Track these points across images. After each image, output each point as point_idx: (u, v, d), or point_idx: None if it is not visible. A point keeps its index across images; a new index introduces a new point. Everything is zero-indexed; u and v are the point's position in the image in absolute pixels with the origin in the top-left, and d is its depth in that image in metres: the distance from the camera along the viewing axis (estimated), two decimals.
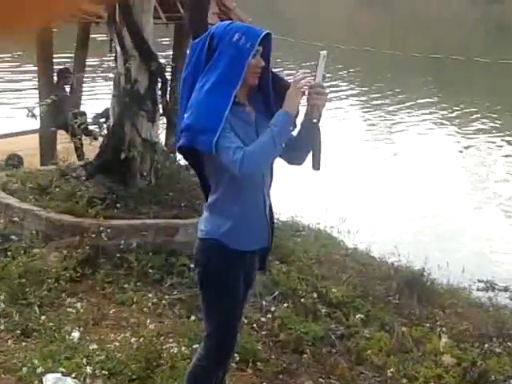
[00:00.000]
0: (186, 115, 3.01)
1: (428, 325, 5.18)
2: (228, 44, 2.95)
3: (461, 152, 14.81)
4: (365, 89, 20.72)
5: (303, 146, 3.07)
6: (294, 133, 3.09)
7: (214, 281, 3.12)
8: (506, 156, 14.51)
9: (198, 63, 3.04)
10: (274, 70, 3.22)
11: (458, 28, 33.51)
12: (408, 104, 18.81)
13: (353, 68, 22.20)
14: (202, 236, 3.12)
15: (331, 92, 18.33)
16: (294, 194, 9.41)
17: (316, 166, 3.02)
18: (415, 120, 17.24)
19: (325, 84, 3.01)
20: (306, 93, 2.97)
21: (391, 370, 4.23)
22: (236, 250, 3.07)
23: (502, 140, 15.70)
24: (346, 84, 20.62)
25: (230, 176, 2.99)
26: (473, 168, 13.71)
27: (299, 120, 3.07)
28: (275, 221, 7.30)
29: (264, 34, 2.99)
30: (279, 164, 3.20)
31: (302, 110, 3.04)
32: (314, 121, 2.98)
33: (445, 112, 18.05)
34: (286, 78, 3.39)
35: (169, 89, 6.49)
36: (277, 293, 5.14)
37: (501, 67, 16.21)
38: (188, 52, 3.21)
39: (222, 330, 3.16)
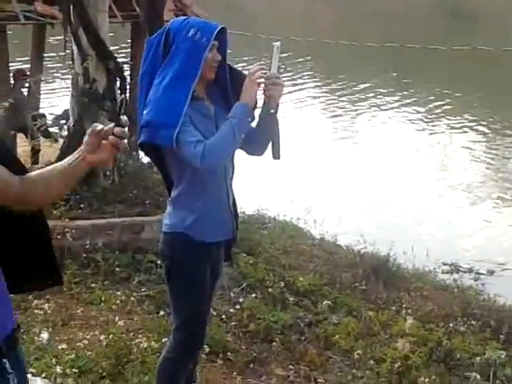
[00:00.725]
0: (145, 112, 3.02)
1: (394, 308, 5.26)
2: (184, 39, 2.97)
3: (422, 139, 14.98)
4: (326, 80, 20.85)
5: (262, 137, 3.11)
6: (253, 124, 3.12)
7: (181, 273, 3.14)
8: (469, 142, 14.73)
9: (155, 59, 3.05)
10: (231, 64, 3.26)
11: (414, 17, 33.85)
12: (368, 94, 18.98)
13: (312, 60, 22.31)
14: (167, 230, 3.14)
15: (292, 84, 18.47)
16: (259, 187, 9.45)
17: (276, 155, 3.07)
18: (376, 109, 17.42)
19: (280, 75, 3.03)
20: (262, 84, 3.00)
21: (358, 351, 4.32)
22: (201, 242, 3.09)
23: (463, 126, 15.94)
24: (307, 75, 20.74)
25: (192, 170, 3.00)
26: (436, 155, 13.91)
27: (257, 111, 3.10)
28: (241, 214, 7.34)
29: (219, 28, 3.02)
30: (242, 158, 3.24)
31: (260, 101, 3.09)
32: (272, 111, 3.01)
33: (406, 100, 18.26)
34: (243, 71, 3.43)
35: (128, 87, 6.49)
36: (245, 284, 5.20)
37: (456, 53, 16.47)
38: (144, 49, 3.23)
39: (190, 322, 3.18)
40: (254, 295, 5.03)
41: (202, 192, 3.08)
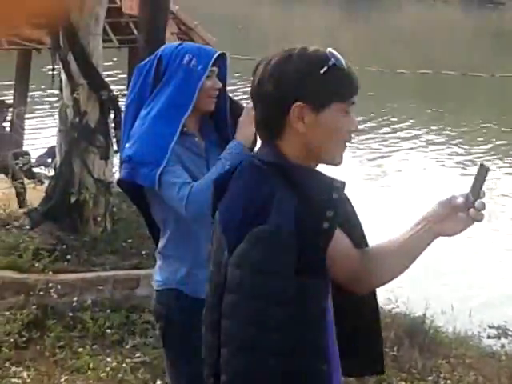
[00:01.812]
0: (127, 145, 3.04)
1: (431, 378, 5.21)
2: (178, 67, 3.01)
3: (463, 176, 14.93)
4: None
5: None
6: None
7: (178, 335, 3.12)
8: None
9: (144, 88, 3.08)
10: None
11: (450, 40, 34.20)
12: (397, 126, 19.07)
13: None
14: (159, 287, 3.15)
15: None
16: None
17: None
18: (409, 147, 17.44)
19: None
20: None
21: None
22: (196, 299, 3.02)
23: None
24: None
25: (177, 213, 2.99)
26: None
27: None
28: None
29: (218, 54, 3.06)
30: None
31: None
32: None
33: (444, 138, 18.30)
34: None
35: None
36: None
37: (501, 81, 16.56)
38: (133, 76, 3.25)
39: None
40: None
41: (190, 239, 3.05)
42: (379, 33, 37.34)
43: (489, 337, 7.62)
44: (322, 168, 2.07)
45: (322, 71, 1.96)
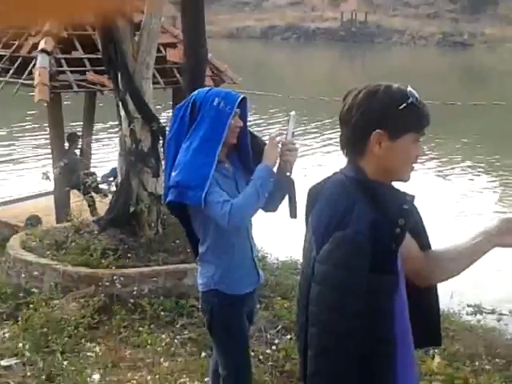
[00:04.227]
0: (173, 173, 3.04)
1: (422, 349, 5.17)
2: (210, 108, 3.02)
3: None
4: None
5: (276, 196, 3.12)
6: None
7: (221, 326, 3.17)
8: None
9: (182, 125, 3.10)
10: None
11: (429, 74, 33.97)
12: None
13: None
14: (202, 289, 3.18)
15: (318, 143, 18.42)
16: (291, 236, 9.42)
17: (292, 214, 3.05)
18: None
19: (295, 140, 3.06)
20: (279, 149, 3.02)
21: None
22: (233, 295, 3.11)
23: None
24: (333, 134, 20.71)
25: (215, 226, 3.02)
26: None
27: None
28: (275, 261, 7.29)
29: (241, 97, 3.09)
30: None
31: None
32: (288, 174, 3.03)
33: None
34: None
35: None
36: (280, 326, 5.15)
37: (473, 108, 16.40)
38: (172, 116, 3.27)
39: (238, 368, 3.22)
40: (288, 336, 4.97)
41: (226, 247, 3.09)
42: (372, 69, 37.19)
43: (467, 314, 7.54)
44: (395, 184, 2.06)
45: (401, 107, 1.93)
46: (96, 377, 4.28)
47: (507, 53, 48.05)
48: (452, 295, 7.24)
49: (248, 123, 3.19)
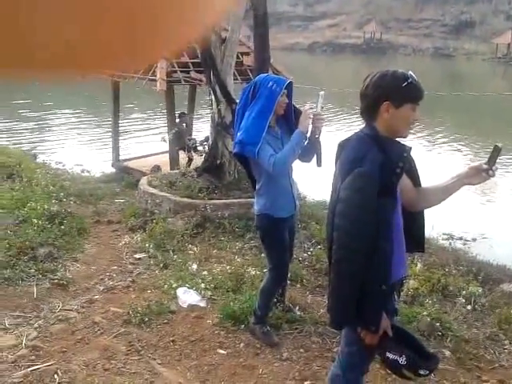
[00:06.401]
0: (239, 133, 2.97)
1: (409, 258, 5.09)
2: (265, 88, 2.92)
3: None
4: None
5: (309, 152, 3.02)
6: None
7: (269, 237, 3.13)
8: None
9: (246, 100, 3.00)
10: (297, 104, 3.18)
11: (425, 77, 32.28)
12: None
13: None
14: (256, 212, 3.13)
15: (339, 120, 17.95)
16: (325, 184, 9.30)
17: (319, 164, 2.98)
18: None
19: (322, 112, 2.94)
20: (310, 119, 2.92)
21: None
22: (277, 218, 3.05)
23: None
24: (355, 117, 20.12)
25: (266, 171, 2.95)
26: None
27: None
28: (311, 199, 7.16)
29: (288, 82, 2.97)
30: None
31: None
32: (316, 136, 2.95)
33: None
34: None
35: None
36: (314, 240, 5.16)
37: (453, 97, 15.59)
38: (240, 93, 3.17)
39: (279, 265, 3.19)
40: (319, 247, 4.99)
41: (274, 184, 3.00)
42: None
43: (442, 239, 7.36)
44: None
45: (403, 85, 1.87)
46: (194, 266, 4.40)
47: (479, 62, 46.92)
48: (433, 227, 7.08)
49: (292, 101, 3.09)
